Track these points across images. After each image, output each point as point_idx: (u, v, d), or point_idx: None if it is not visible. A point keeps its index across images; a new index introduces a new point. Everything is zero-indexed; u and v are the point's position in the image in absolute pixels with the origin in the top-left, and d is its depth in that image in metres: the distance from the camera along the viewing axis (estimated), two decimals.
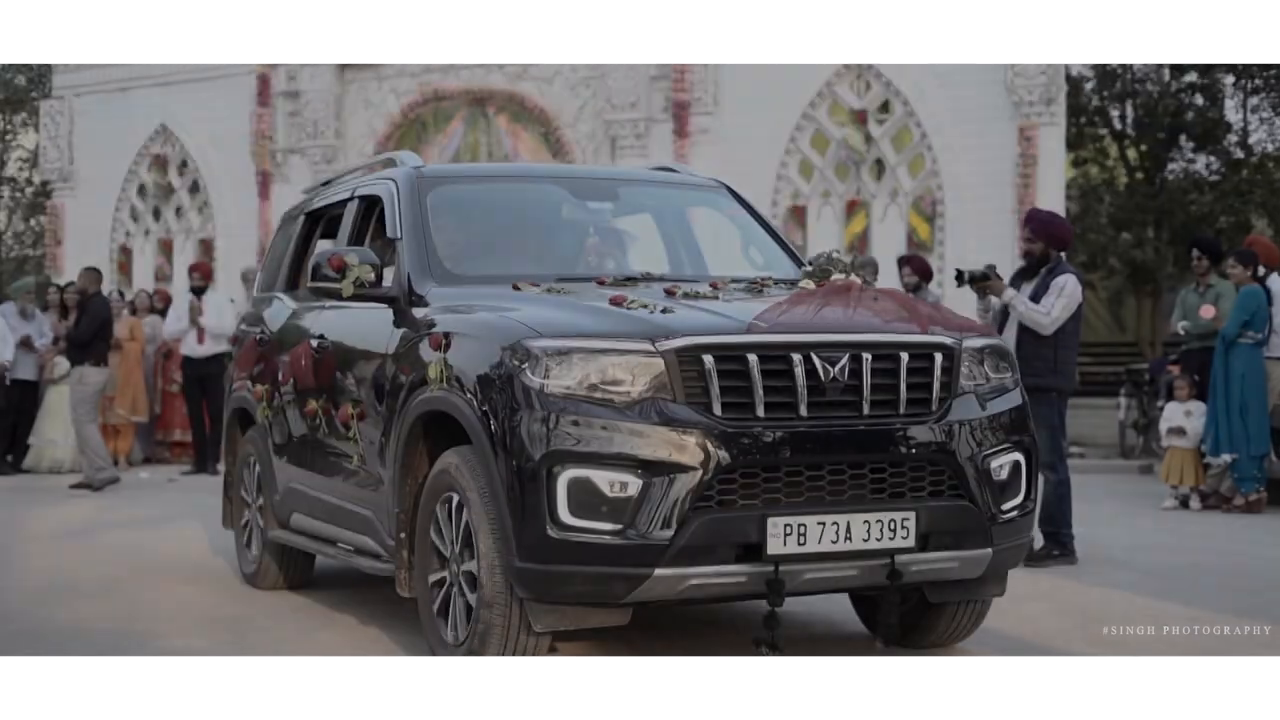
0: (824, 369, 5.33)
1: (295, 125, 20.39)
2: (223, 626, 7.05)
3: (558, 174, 8.18)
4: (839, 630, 6.82)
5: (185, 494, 13.43)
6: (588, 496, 5.19)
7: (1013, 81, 17.03)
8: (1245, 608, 7.24)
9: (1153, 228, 26.12)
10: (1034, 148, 17.05)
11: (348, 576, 8.34)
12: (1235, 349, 11.95)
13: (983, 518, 5.60)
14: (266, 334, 8.05)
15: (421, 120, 20.03)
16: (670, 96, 18.52)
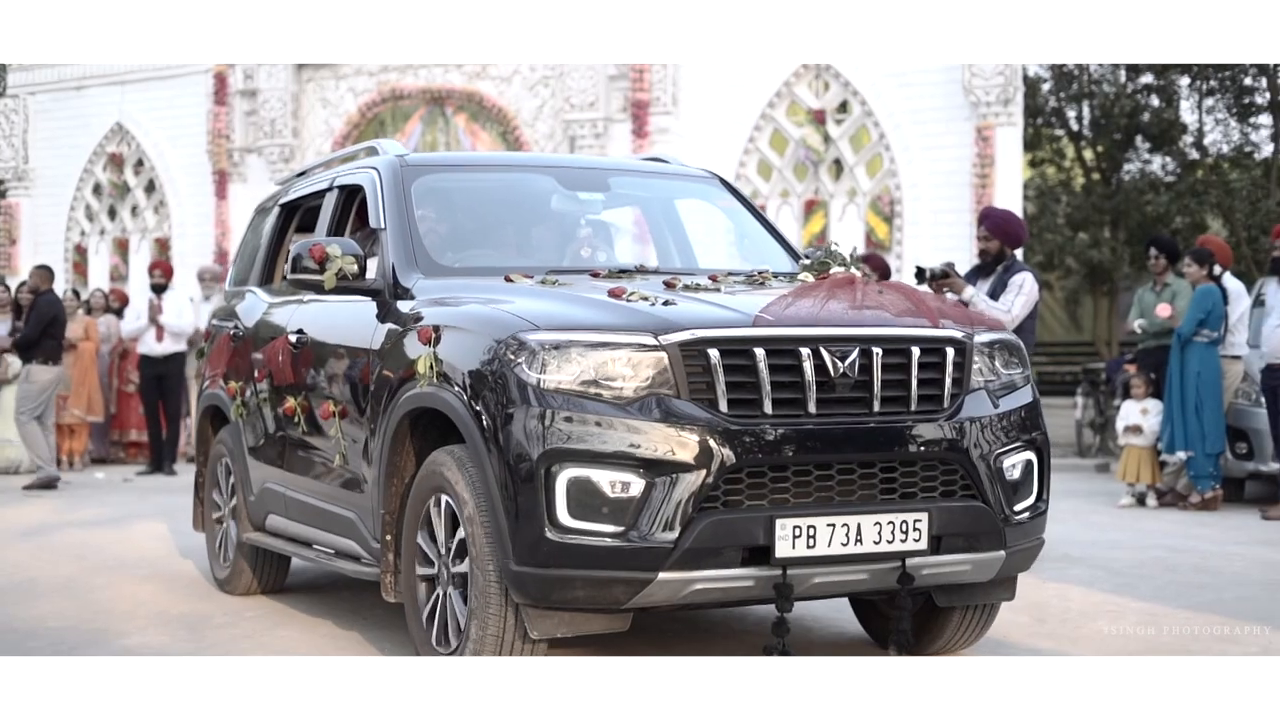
0: (833, 364, 5.10)
1: (252, 124, 20.27)
2: (181, 624, 6.97)
3: (547, 163, 7.91)
4: (830, 629, 6.64)
5: (141, 494, 13.21)
6: (588, 497, 4.94)
7: (970, 82, 17.06)
8: (1202, 603, 7.27)
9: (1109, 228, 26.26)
10: (991, 148, 17.10)
11: (322, 580, 8.16)
12: (1191, 347, 11.98)
13: (996, 519, 5.38)
14: (240, 329, 7.79)
15: (380, 119, 19.93)
16: (629, 96, 18.48)
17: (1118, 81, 26.07)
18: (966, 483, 5.34)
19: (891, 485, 5.22)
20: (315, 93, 20.12)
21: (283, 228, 8.06)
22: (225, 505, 8.02)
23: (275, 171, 19.63)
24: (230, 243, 19.92)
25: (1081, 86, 26.48)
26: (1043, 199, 26.50)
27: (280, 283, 7.75)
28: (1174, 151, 26.39)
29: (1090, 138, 27.12)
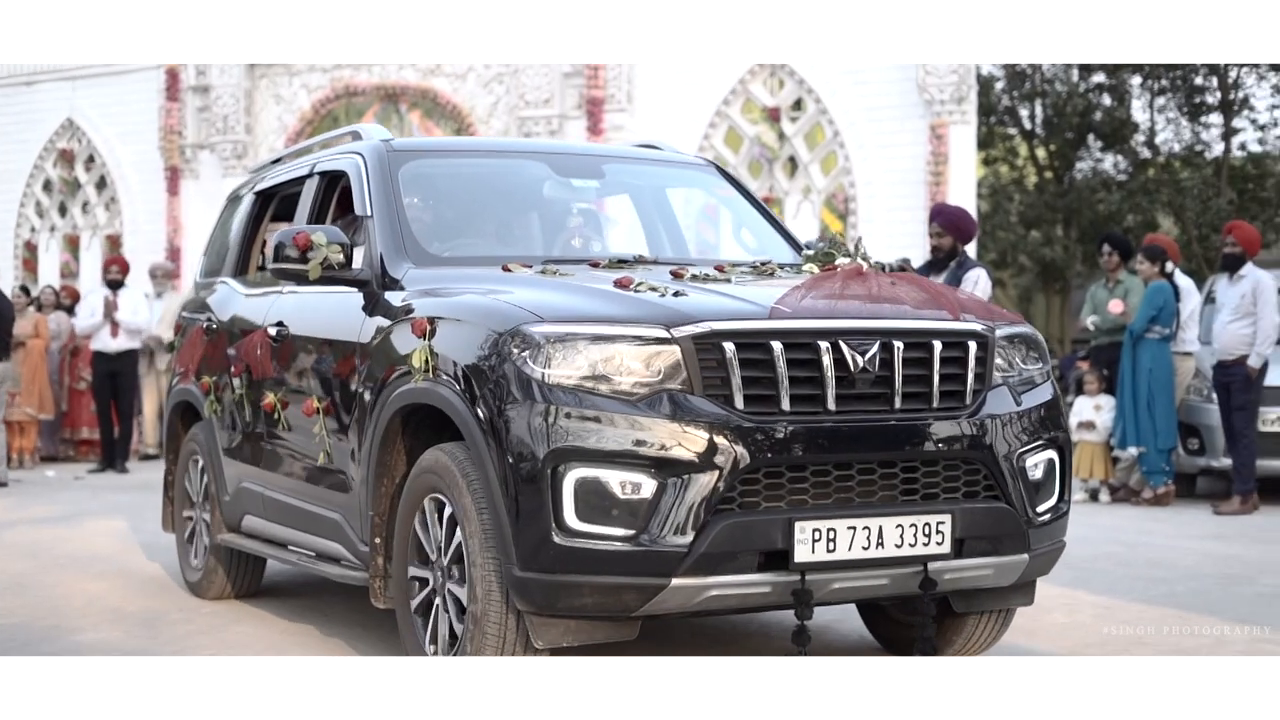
0: (853, 358, 4.81)
1: (205, 120, 20.09)
2: (136, 621, 6.86)
3: (538, 149, 7.54)
4: (825, 630, 6.40)
5: (93, 492, 13.00)
6: (597, 499, 4.64)
7: (924, 80, 17.09)
8: (1156, 597, 7.28)
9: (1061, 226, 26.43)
10: (945, 146, 17.13)
11: (298, 584, 7.92)
12: (1143, 344, 12.01)
13: (1020, 521, 5.10)
14: (214, 322, 7.45)
15: (333, 116, 19.76)
16: (584, 93, 18.41)
17: (1070, 81, 26.26)
18: (989, 483, 5.08)
19: (913, 486, 4.95)
20: (268, 89, 19.98)
21: (257, 216, 7.70)
22: (197, 505, 7.70)
23: (228, 168, 19.47)
24: (183, 239, 19.77)
25: (1034, 86, 26.66)
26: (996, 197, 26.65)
27: (256, 273, 7.49)
28: (1126, 150, 26.62)
29: (1043, 136, 27.31)
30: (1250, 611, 7.00)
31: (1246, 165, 25.94)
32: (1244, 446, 11.51)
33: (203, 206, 19.61)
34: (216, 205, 19.35)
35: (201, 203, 19.72)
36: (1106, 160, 27.26)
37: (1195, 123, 26.31)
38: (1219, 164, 25.65)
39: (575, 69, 18.43)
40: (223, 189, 19.45)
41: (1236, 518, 11.12)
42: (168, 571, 8.35)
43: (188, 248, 19.65)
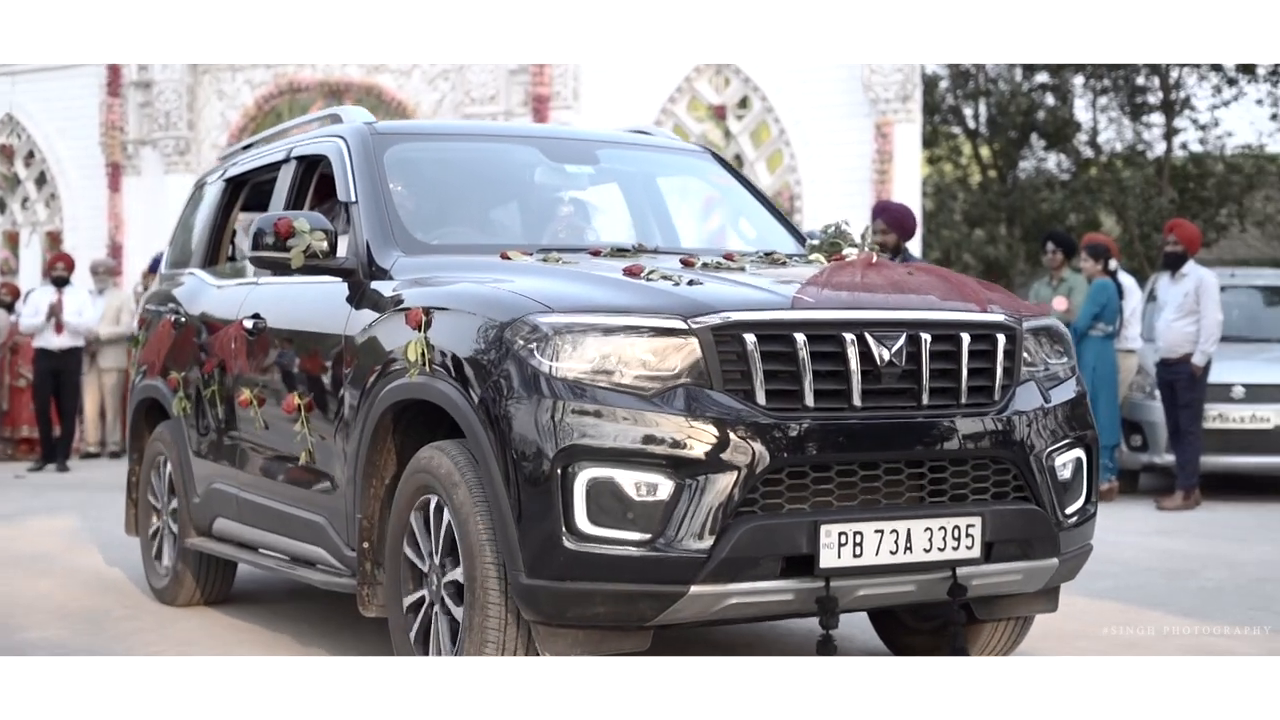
0: (879, 351, 4.53)
1: (146, 116, 19.88)
2: (81, 618, 6.77)
3: (529, 134, 7.15)
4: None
5: (35, 490, 12.74)
6: (610, 501, 4.33)
7: (869, 79, 17.15)
8: (1101, 591, 7.29)
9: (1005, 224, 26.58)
10: (890, 144, 17.18)
11: (271, 589, 7.60)
12: (1086, 341, 12.03)
13: (1050, 523, 4.84)
14: (182, 315, 7.08)
15: (277, 112, 19.55)
16: (530, 90, 18.34)
17: (1013, 80, 26.44)
18: (1019, 483, 4.80)
19: (941, 487, 4.67)
20: (211, 85, 19.83)
21: (227, 205, 7.34)
22: (164, 507, 7.32)
23: (170, 165, 19.28)
24: (124, 236, 19.57)
25: (978, 85, 26.83)
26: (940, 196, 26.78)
27: (226, 263, 7.16)
28: (1068, 149, 26.82)
29: (987, 135, 27.47)
30: (1193, 606, 7.03)
31: (1187, 165, 26.12)
32: (1189, 443, 11.60)
33: (144, 203, 19.40)
34: (159, 202, 19.25)
35: (143, 199, 19.51)
36: (1050, 159, 27.43)
37: (1137, 122, 26.50)
38: (1160, 163, 25.81)
39: (521, 66, 18.38)
40: (165, 185, 19.27)
41: (1179, 513, 11.12)
42: (114, 569, 8.21)
43: (129, 245, 19.46)
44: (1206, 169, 25.85)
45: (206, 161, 19.19)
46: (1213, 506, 11.53)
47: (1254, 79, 25.16)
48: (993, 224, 26.30)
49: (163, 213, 18.91)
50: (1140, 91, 26.03)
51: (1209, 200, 25.51)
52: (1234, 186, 25.35)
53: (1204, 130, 26.04)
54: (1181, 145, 26.33)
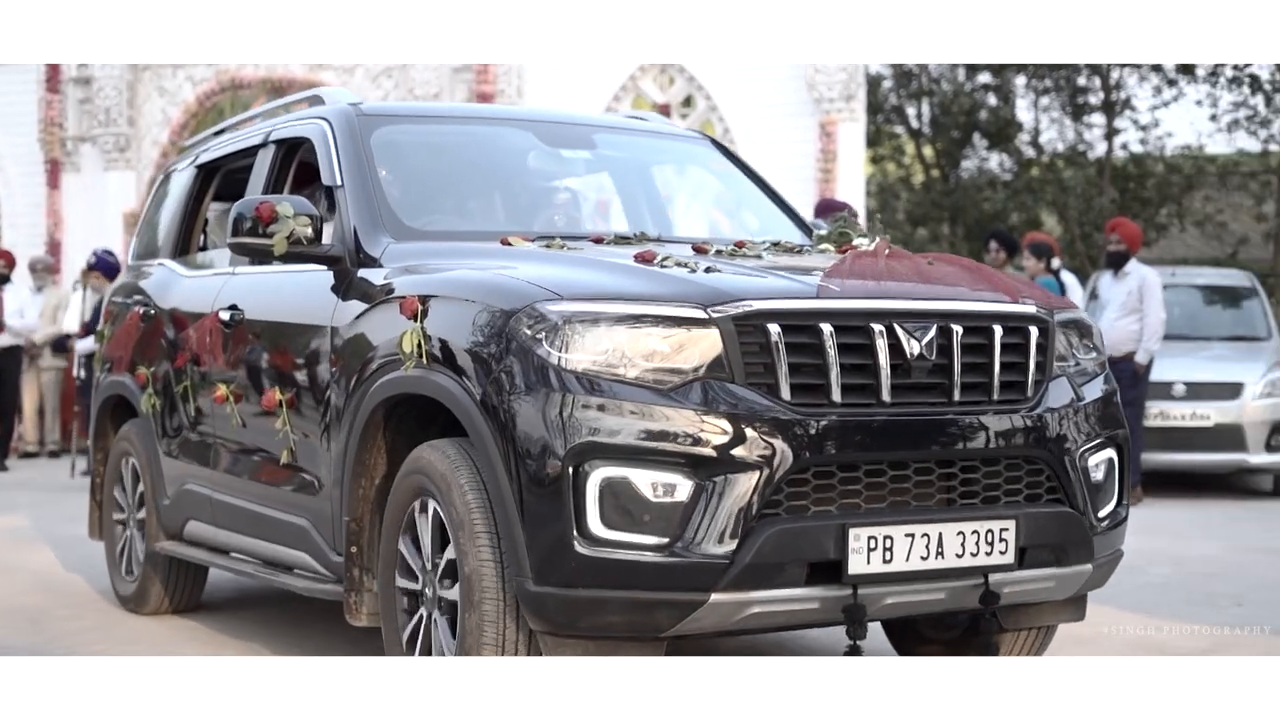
0: (909, 344, 4.25)
1: (86, 113, 19.67)
2: (22, 616, 6.65)
3: (523, 116, 6.73)
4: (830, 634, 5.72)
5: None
6: (625, 502, 4.03)
7: (813, 78, 17.21)
8: None
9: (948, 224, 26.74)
10: (834, 143, 17.24)
11: (245, 595, 7.30)
12: None
13: (1085, 527, 4.56)
14: (151, 308, 6.71)
15: (219, 109, 19.41)
16: (473, 89, 18.25)
17: (956, 80, 26.59)
18: (1053, 484, 4.52)
19: (973, 488, 4.38)
20: (152, 81, 19.66)
21: (199, 192, 6.98)
22: (130, 510, 6.95)
23: (110, 161, 19.09)
24: (64, 233, 19.37)
25: (921, 85, 26.98)
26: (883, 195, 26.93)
27: (198, 253, 6.82)
28: (1010, 149, 26.97)
29: (929, 135, 27.63)
30: (1139, 601, 7.06)
31: (1128, 165, 26.26)
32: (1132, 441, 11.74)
33: (84, 200, 19.18)
34: (98, 199, 19.07)
35: (83, 196, 19.29)
36: (992, 159, 27.56)
37: (1078, 123, 26.64)
38: (1101, 163, 25.98)
39: (465, 64, 18.38)
40: (105, 183, 19.07)
41: None
42: (56, 569, 8.08)
43: (69, 241, 19.25)
44: (1147, 169, 26.02)
45: (147, 159, 19.04)
46: (1155, 504, 11.51)
47: (1193, 80, 25.33)
48: (936, 223, 26.46)
49: (102, 210, 18.72)
50: (1081, 92, 26.18)
51: (1149, 200, 25.66)
52: (1174, 187, 25.51)
53: (1144, 131, 26.19)
54: (1122, 146, 26.48)
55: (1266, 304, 14.19)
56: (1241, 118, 25.07)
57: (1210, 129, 27.97)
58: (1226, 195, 25.87)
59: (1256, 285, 14.47)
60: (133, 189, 18.95)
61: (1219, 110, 25.28)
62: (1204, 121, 29.58)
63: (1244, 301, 14.21)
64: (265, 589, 7.12)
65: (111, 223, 18.70)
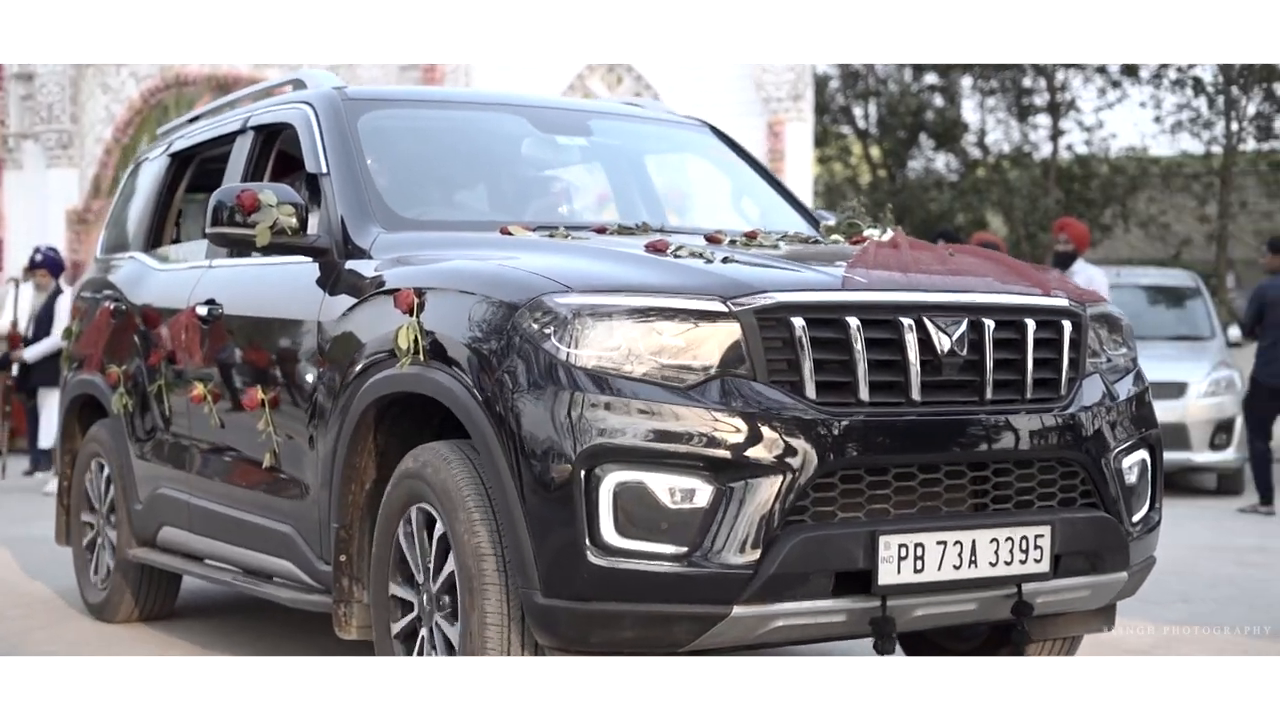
0: (939, 339, 3.97)
1: (28, 109, 19.47)
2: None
3: (516, 102, 6.28)
4: None
5: None
6: (640, 508, 3.73)
7: (761, 78, 17.27)
8: None
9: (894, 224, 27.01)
10: (781, 143, 17.28)
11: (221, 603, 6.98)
12: None
13: (1122, 533, 4.28)
14: (123, 303, 6.38)
15: (164, 106, 19.31)
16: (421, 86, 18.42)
17: (903, 81, 26.74)
18: (1087, 488, 4.24)
19: (1006, 492, 4.10)
20: (95, 78, 19.49)
21: (172, 182, 6.62)
22: (100, 515, 6.60)
23: (53, 159, 18.89)
24: (5, 231, 19.20)
25: (868, 86, 27.12)
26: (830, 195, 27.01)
27: (170, 245, 6.48)
28: (957, 150, 27.14)
29: (876, 135, 27.77)
30: None
31: (1073, 166, 26.47)
32: None
33: (25, 198, 18.94)
34: (40, 196, 18.91)
35: (24, 194, 19.05)
36: (938, 160, 27.70)
37: (1024, 124, 26.83)
38: (1047, 164, 26.17)
39: (411, 63, 18.36)
40: (47, 180, 18.87)
41: None
42: (4, 569, 7.87)
43: (10, 240, 19.03)
44: (1091, 170, 26.18)
45: (90, 156, 18.87)
46: None
47: (1137, 81, 25.56)
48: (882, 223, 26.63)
49: (45, 207, 18.54)
50: (1027, 93, 26.33)
51: (1094, 201, 25.79)
52: (1118, 188, 25.66)
53: (1089, 132, 26.34)
54: (1067, 147, 26.62)
55: (1210, 304, 14.28)
56: (1185, 120, 25.23)
57: (1154, 131, 28.26)
58: (1170, 197, 26.02)
59: (1200, 285, 14.55)
60: (75, 186, 18.76)
61: (1163, 112, 25.44)
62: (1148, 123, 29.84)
63: (1188, 301, 14.27)
64: (238, 597, 6.83)
65: (54, 220, 18.51)
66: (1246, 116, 24.99)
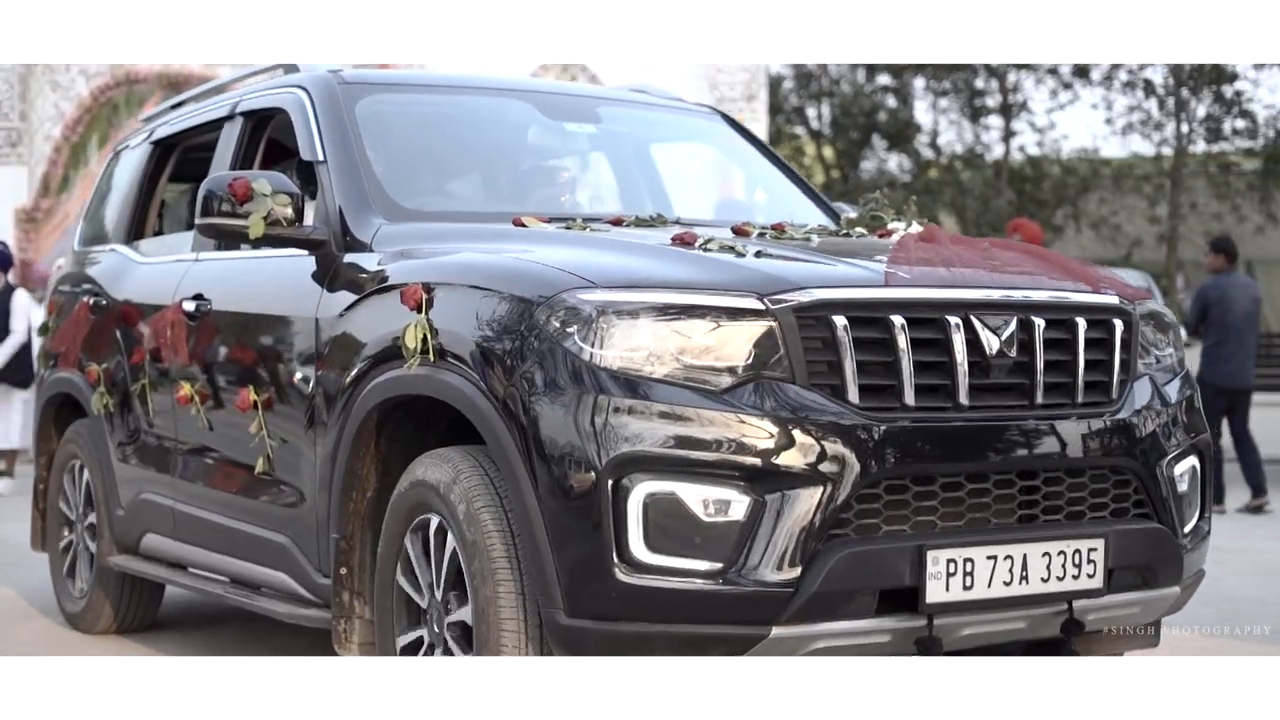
0: (988, 339, 3.69)
1: None
2: None
3: (523, 87, 5.95)
4: None
5: None
6: (672, 522, 3.45)
7: (715, 77, 17.25)
8: None
9: None
10: None
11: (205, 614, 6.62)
12: None
13: (1176, 545, 4.00)
14: (103, 297, 6.03)
15: (114, 104, 19.16)
16: None
17: (856, 82, 26.82)
18: (1140, 497, 3.96)
19: (1057, 502, 3.80)
20: (44, 75, 19.24)
21: (154, 172, 6.26)
22: (78, 520, 6.23)
23: (1, 157, 18.83)
24: None
25: (821, 86, 27.17)
26: None
27: (152, 238, 6.16)
28: (909, 150, 27.25)
29: (830, 136, 27.82)
30: None
31: (1025, 167, 26.64)
32: None
33: None
34: None
35: None
36: (891, 160, 27.77)
37: (976, 125, 26.96)
38: (999, 165, 26.32)
39: (363, 63, 18.22)
40: None
41: None
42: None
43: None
44: (1043, 171, 26.30)
45: (39, 154, 18.59)
46: None
47: (1089, 83, 25.71)
48: None
49: None
50: (979, 94, 26.42)
51: (1045, 202, 25.90)
52: (1069, 189, 25.81)
53: (1041, 133, 26.47)
54: (1019, 148, 26.75)
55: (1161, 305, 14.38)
56: (1135, 121, 25.38)
57: (1105, 132, 28.42)
58: (1121, 197, 26.17)
59: (1152, 286, 14.60)
60: (24, 185, 18.49)
61: (1114, 114, 25.57)
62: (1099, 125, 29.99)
63: None
64: (224, 608, 6.46)
65: (2, 218, 18.36)
66: (1196, 118, 25.14)
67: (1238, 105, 24.90)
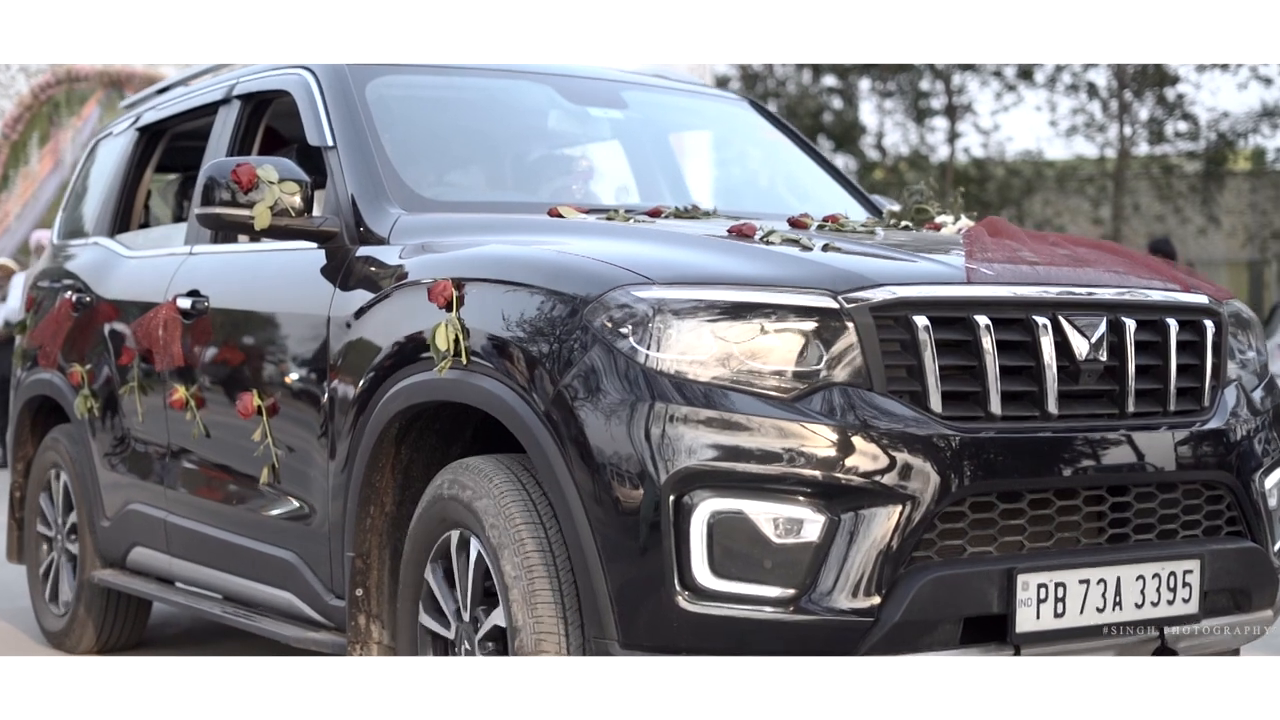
0: (1077, 342, 3.33)
1: None
2: None
3: (542, 71, 5.46)
4: None
5: None
6: (740, 543, 3.08)
7: None
8: None
9: None
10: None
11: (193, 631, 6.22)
12: None
13: (1271, 565, 3.63)
14: (87, 294, 5.59)
15: (55, 102, 18.95)
16: None
17: (801, 83, 26.85)
18: (1233, 514, 3.59)
19: (1148, 520, 3.44)
20: None
21: (141, 160, 5.82)
22: (59, 532, 5.79)
23: None
24: None
25: (768, 87, 27.16)
26: None
27: (139, 230, 5.73)
28: (855, 151, 27.32)
29: None
30: None
31: (970, 168, 26.81)
32: None
33: None
34: None
35: None
36: (836, 161, 27.95)
37: (921, 126, 27.08)
38: (944, 166, 26.44)
39: None
40: None
41: None
42: None
43: None
44: (988, 172, 26.42)
45: None
46: None
47: (1033, 85, 25.82)
48: None
49: None
50: (924, 96, 26.52)
51: (990, 203, 26.03)
52: (1014, 190, 25.97)
53: (985, 135, 26.63)
54: (964, 149, 26.92)
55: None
56: (1079, 124, 25.55)
57: (1049, 134, 28.53)
58: (1065, 199, 26.35)
59: None
60: None
61: (1057, 116, 25.73)
62: (1043, 127, 30.16)
63: None
64: (217, 627, 6.02)
65: None
66: (1139, 121, 25.30)
67: (1180, 108, 25.06)
